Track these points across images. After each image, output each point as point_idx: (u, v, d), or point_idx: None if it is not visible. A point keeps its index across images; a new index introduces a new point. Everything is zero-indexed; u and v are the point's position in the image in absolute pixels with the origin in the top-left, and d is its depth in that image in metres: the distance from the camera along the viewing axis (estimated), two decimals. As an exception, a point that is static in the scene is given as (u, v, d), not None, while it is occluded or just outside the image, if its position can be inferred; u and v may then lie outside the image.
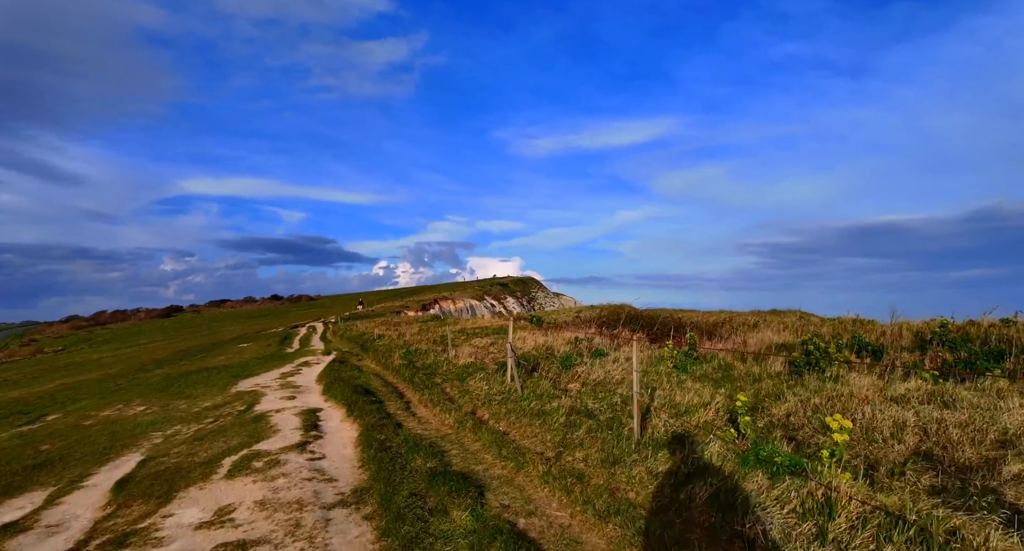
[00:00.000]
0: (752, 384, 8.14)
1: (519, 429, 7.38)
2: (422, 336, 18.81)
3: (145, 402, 14.11)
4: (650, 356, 10.20)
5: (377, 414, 8.09)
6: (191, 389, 15.10)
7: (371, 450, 6.37)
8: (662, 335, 12.41)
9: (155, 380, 18.78)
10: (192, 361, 26.75)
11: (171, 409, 12.51)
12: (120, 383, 20.34)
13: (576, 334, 13.20)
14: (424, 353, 14.32)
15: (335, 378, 12.69)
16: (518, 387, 8.91)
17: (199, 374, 18.41)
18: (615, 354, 10.62)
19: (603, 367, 9.59)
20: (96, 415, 13.22)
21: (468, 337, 16.50)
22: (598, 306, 25.71)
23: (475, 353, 12.59)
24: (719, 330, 13.12)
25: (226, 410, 11.24)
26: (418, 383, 10.72)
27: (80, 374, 31.30)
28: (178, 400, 13.62)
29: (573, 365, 9.98)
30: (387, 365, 13.76)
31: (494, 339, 14.99)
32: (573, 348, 11.44)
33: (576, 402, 7.76)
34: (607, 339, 12.29)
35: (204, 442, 8.14)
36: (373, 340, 21.00)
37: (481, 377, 9.97)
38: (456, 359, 12.20)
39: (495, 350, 12.94)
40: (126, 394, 16.34)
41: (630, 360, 9.86)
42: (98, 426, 11.54)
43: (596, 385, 8.70)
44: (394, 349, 16.48)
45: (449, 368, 11.64)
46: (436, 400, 9.42)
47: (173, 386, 16.30)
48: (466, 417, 8.12)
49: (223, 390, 14.11)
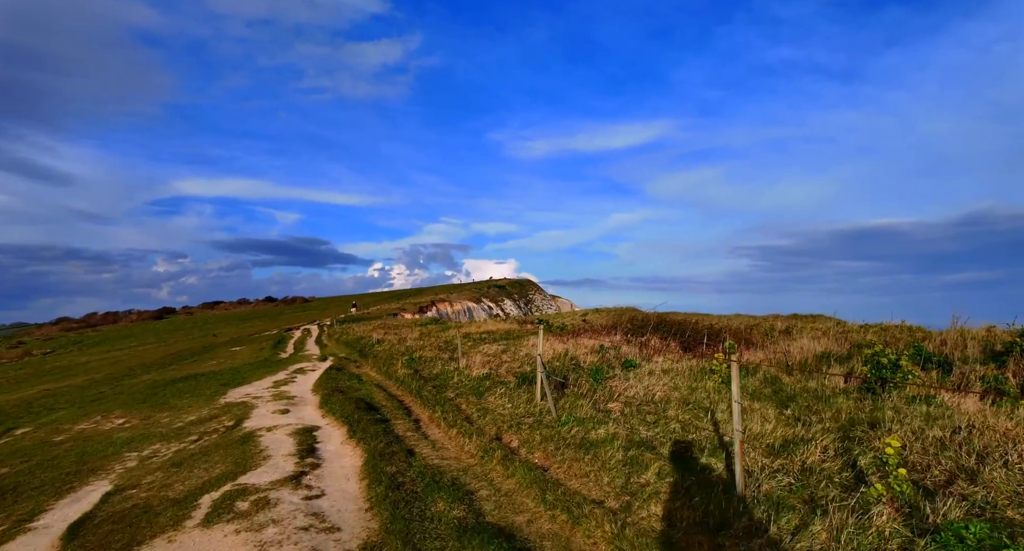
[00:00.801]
0: (821, 403, 7.00)
1: (562, 465, 6.11)
2: (425, 341, 17.60)
3: (126, 413, 12.85)
4: (690, 368, 9.07)
5: (384, 436, 6.90)
6: (176, 399, 13.83)
7: (380, 486, 5.20)
8: (694, 343, 11.33)
9: (140, 388, 17.44)
10: (182, 366, 25.37)
11: (152, 423, 11.27)
12: (103, 391, 18.98)
13: (599, 341, 12.07)
14: (430, 361, 13.12)
15: (333, 389, 11.49)
16: (551, 408, 7.69)
17: (187, 382, 17.10)
18: (649, 365, 9.49)
19: (640, 381, 8.43)
20: (70, 429, 11.94)
21: (475, 343, 15.33)
22: (604, 309, 24.64)
23: (488, 362, 11.42)
24: (748, 337, 12.04)
25: (212, 426, 10.01)
26: (427, 397, 9.55)
27: (64, 379, 29.79)
28: (161, 412, 12.37)
29: (605, 378, 8.84)
30: (390, 374, 12.57)
31: (504, 346, 13.84)
32: (600, 358, 10.29)
33: (627, 429, 6.58)
34: (635, 347, 11.17)
35: (183, 469, 6.93)
36: (372, 345, 19.77)
37: (502, 392, 8.78)
38: (468, 369, 11.02)
39: (508, 359, 11.78)
40: (107, 404, 15.04)
41: (669, 373, 8.74)
42: (69, 443, 10.27)
43: (640, 404, 7.57)
44: (396, 356, 15.27)
45: (461, 380, 10.46)
46: (451, 420, 8.16)
47: (158, 395, 15.01)
48: (492, 444, 6.84)
49: (211, 401, 12.86)
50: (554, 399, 7.91)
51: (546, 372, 8.03)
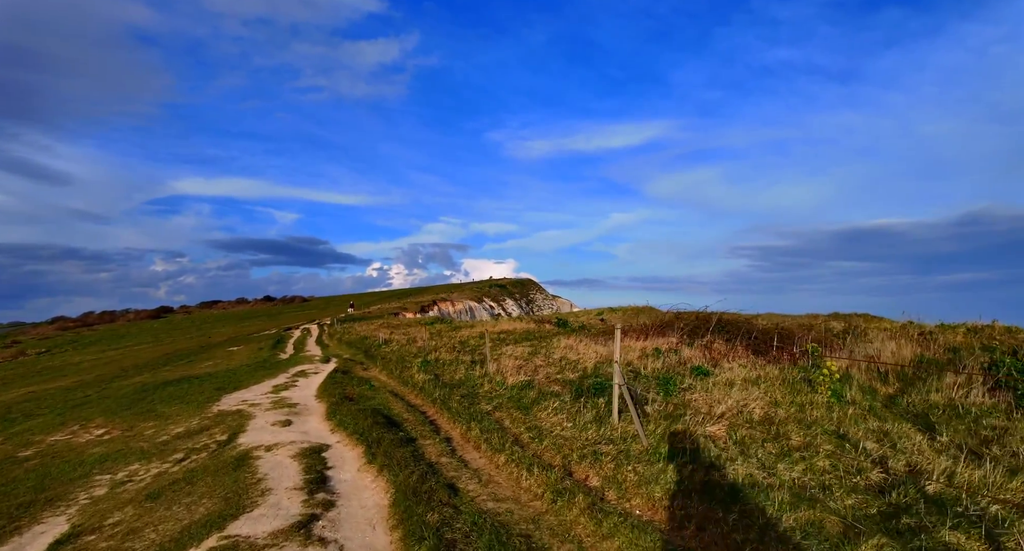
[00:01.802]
0: (981, 427, 5.48)
1: (687, 524, 4.19)
2: (438, 342, 16.06)
3: (107, 422, 11.30)
4: (777, 376, 7.58)
5: (413, 463, 5.40)
6: (165, 406, 12.27)
7: (422, 548, 3.69)
8: (763, 346, 9.88)
9: (128, 391, 15.84)
10: (176, 367, 23.75)
11: (134, 435, 9.74)
12: (88, 394, 17.39)
13: (643, 343, 10.54)
14: (449, 365, 11.58)
15: (340, 396, 9.99)
16: (640, 433, 5.92)
17: (179, 385, 15.53)
18: (724, 373, 7.96)
19: (725, 393, 6.89)
20: (42, 440, 10.39)
21: (496, 344, 13.82)
22: (619, 308, 23.23)
23: (522, 367, 9.89)
24: (806, 338, 10.58)
25: (201, 440, 8.49)
26: (457, 410, 8.10)
27: (53, 380, 28.12)
28: (146, 421, 10.83)
29: (679, 390, 7.32)
30: (405, 379, 11.02)
31: (531, 347, 12.33)
32: (662, 363, 8.73)
33: (759, 467, 4.89)
34: (696, 351, 9.67)
35: (159, 505, 5.42)
36: (378, 345, 18.24)
37: (555, 407, 7.21)
38: (499, 375, 9.46)
39: (542, 362, 10.25)
40: (89, 410, 13.48)
41: (754, 383, 7.25)
42: (34, 461, 8.73)
43: (749, 427, 5.90)
44: (408, 358, 13.74)
45: (494, 389, 8.90)
46: (495, 442, 6.48)
47: (145, 400, 13.45)
48: (564, 483, 5.06)
49: (202, 409, 11.32)
50: (642, 420, 6.15)
51: (628, 385, 6.28)
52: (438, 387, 9.45)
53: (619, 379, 6.19)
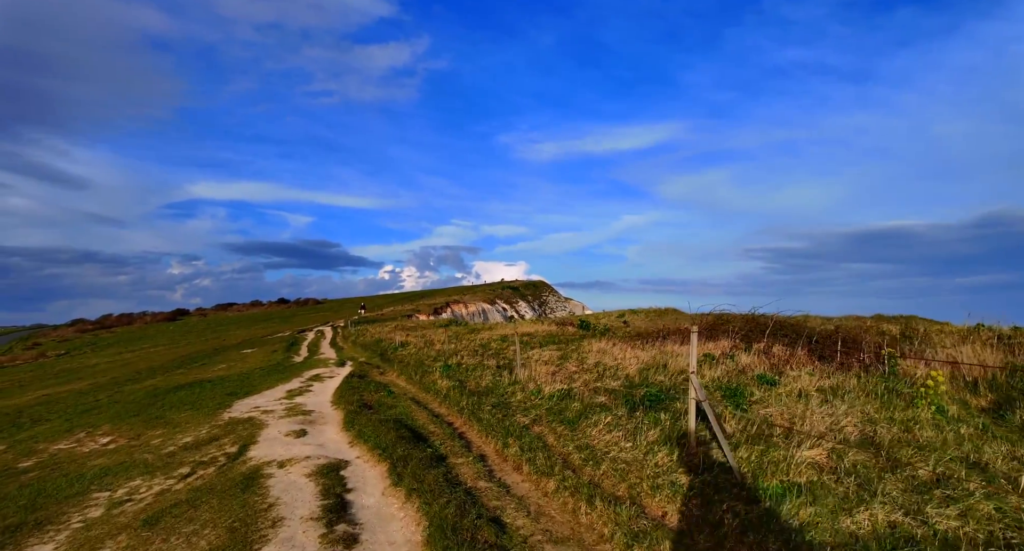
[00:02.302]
0: None
1: None
2: (457, 345, 15.26)
3: (114, 430, 10.69)
4: (861, 388, 6.60)
5: (448, 489, 4.61)
6: (174, 412, 11.64)
7: None
8: (827, 350, 8.89)
9: (139, 396, 15.27)
10: (189, 370, 23.28)
11: (140, 444, 9.09)
12: (99, 398, 16.88)
13: (702, 348, 9.59)
14: (473, 370, 10.74)
15: (358, 403, 9.25)
16: (729, 462, 4.79)
17: (190, 389, 14.94)
18: (793, 383, 7.01)
19: (805, 407, 5.93)
20: (45, 449, 9.80)
21: (520, 347, 12.99)
22: (642, 310, 22.34)
23: (555, 373, 9.05)
24: (862, 341, 9.57)
25: (210, 452, 7.79)
26: (489, 423, 7.27)
27: (68, 383, 27.82)
28: (154, 429, 10.19)
29: (748, 402, 6.41)
30: (426, 386, 10.23)
31: (560, 351, 11.48)
32: (719, 371, 7.76)
33: (903, 513, 3.76)
34: (752, 356, 8.74)
35: (157, 534, 4.70)
36: (395, 348, 17.50)
37: (607, 422, 6.21)
38: (534, 383, 8.55)
39: (575, 368, 9.41)
40: (98, 416, 12.91)
41: (832, 394, 6.34)
42: (34, 472, 8.10)
43: (848, 451, 4.75)
44: (427, 362, 12.97)
45: (529, 398, 8.03)
46: (541, 464, 5.50)
47: (155, 406, 12.85)
48: (640, 524, 4.00)
49: (213, 416, 10.66)
50: (729, 443, 4.90)
51: (707, 401, 4.99)
52: (464, 395, 8.62)
53: (699, 394, 4.98)
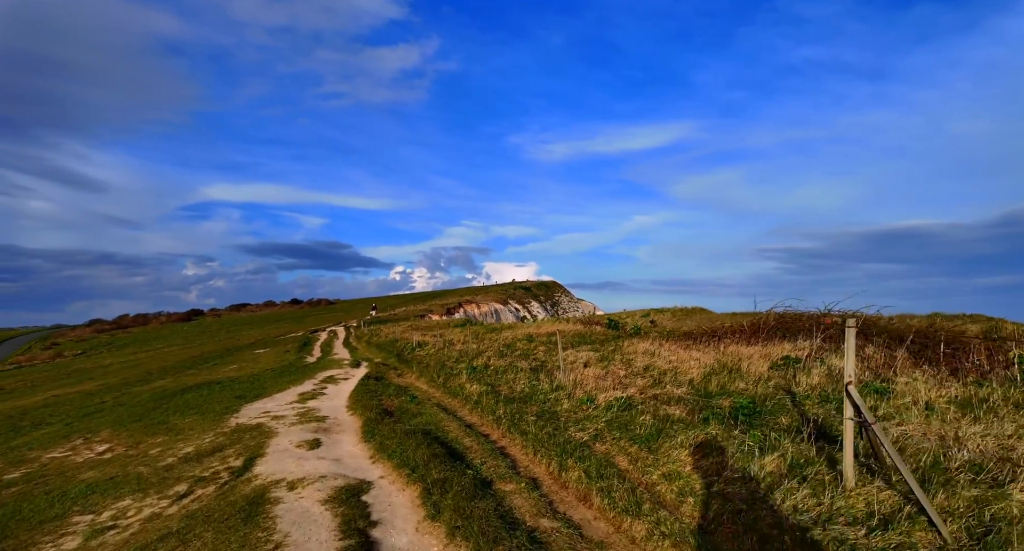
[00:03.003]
0: None
1: None
2: (480, 345, 14.15)
3: (113, 436, 9.79)
4: (1004, 399, 5.41)
5: (503, 529, 3.53)
6: (179, 417, 10.69)
7: None
8: (930, 353, 7.61)
9: (145, 398, 14.39)
10: (200, 370, 22.48)
11: (138, 454, 8.14)
12: (105, 401, 16.06)
13: (771, 351, 8.33)
14: (504, 373, 9.62)
15: (378, 410, 8.22)
16: (929, 513, 3.33)
17: (199, 391, 14.03)
18: (910, 393, 5.82)
19: (955, 426, 4.66)
20: (37, 458, 8.90)
21: (550, 348, 11.87)
22: (667, 309, 21.19)
23: (603, 378, 7.90)
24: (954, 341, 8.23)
25: (211, 466, 6.80)
26: (536, 437, 6.05)
27: (79, 383, 27.18)
28: (155, 436, 9.25)
29: (880, 420, 5.23)
30: (452, 390, 9.12)
31: (594, 351, 10.35)
32: (815, 379, 6.54)
33: None
34: (837, 358, 7.56)
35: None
36: (412, 349, 16.47)
37: (699, 441, 4.93)
38: (581, 390, 7.32)
39: (622, 370, 8.26)
40: (99, 420, 12.04)
41: (964, 406, 5.16)
42: (18, 486, 7.17)
43: None
44: (448, 363, 11.90)
45: (580, 407, 6.81)
46: (617, 495, 4.29)
47: (160, 409, 11.94)
48: None
49: (219, 421, 9.69)
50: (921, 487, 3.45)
51: (876, 424, 3.57)
52: (500, 402, 7.46)
53: (863, 413, 3.51)
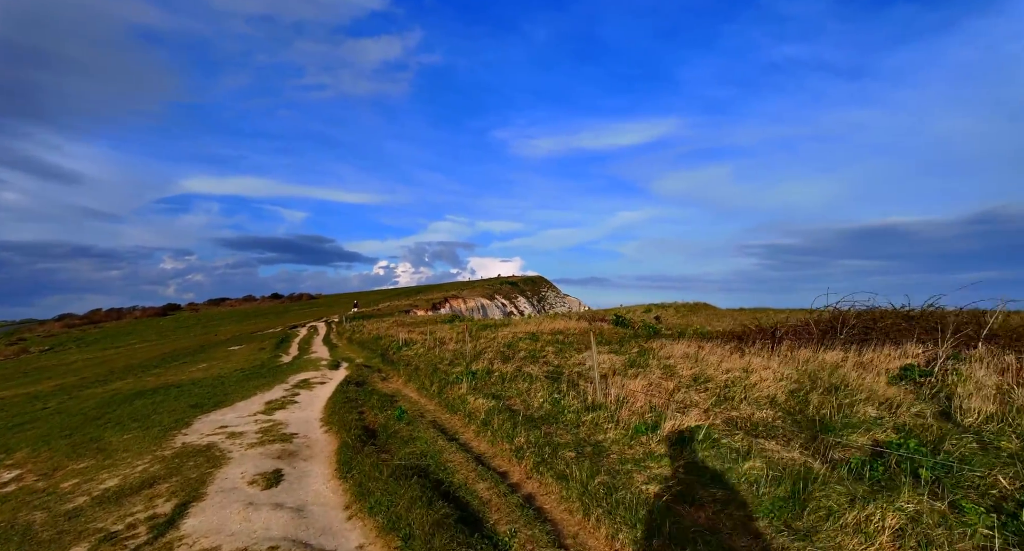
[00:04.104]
0: None
1: None
2: (477, 345, 12.32)
3: (30, 458, 7.87)
4: None
5: None
6: (117, 432, 8.76)
7: None
8: None
9: (89, 405, 12.29)
10: (167, 369, 20.29)
11: (48, 487, 6.26)
12: (48, 406, 13.93)
13: (838, 356, 6.83)
14: (512, 380, 7.76)
15: (359, 428, 6.49)
16: None
17: (152, 397, 12.03)
18: None
19: None
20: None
21: (562, 348, 10.16)
22: (670, 304, 19.78)
23: (650, 392, 6.19)
24: None
25: (130, 515, 4.98)
26: (583, 485, 4.28)
27: (33, 384, 24.66)
28: (80, 459, 7.35)
29: None
30: (450, 403, 7.27)
31: (620, 355, 8.69)
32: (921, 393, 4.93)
33: None
34: (979, 368, 6.03)
35: None
36: (397, 347, 14.65)
37: (894, 526, 3.07)
38: (628, 410, 5.67)
39: (667, 381, 6.60)
40: (24, 433, 10.03)
41: None
42: None
43: None
44: (441, 366, 10.13)
45: (633, 437, 5.12)
46: None
47: (100, 421, 9.97)
48: None
49: (162, 439, 7.82)
50: None
51: None
52: (519, 425, 5.65)
53: None
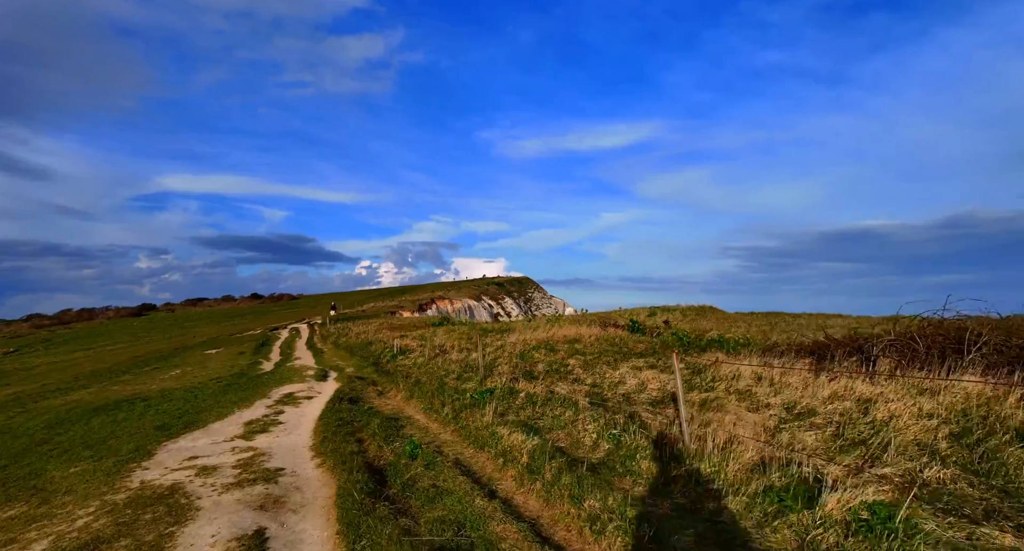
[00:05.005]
0: None
1: None
2: (491, 355, 10.88)
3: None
4: None
5: None
6: (62, 464, 7.23)
7: None
8: None
9: (38, 424, 10.59)
10: (137, 375, 18.43)
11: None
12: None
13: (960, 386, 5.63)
14: (544, 405, 6.45)
15: (361, 468, 5.19)
16: None
17: (113, 414, 10.43)
18: None
19: None
20: None
21: (590, 363, 8.88)
22: (678, 307, 18.74)
23: (765, 433, 4.79)
24: None
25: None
26: None
27: (-14, 391, 22.41)
28: (7, 507, 5.84)
29: None
30: (474, 434, 5.72)
31: (658, 369, 7.45)
32: None
33: None
34: None
35: None
36: (391, 355, 13.23)
37: None
38: (738, 466, 4.40)
39: (769, 419, 5.29)
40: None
41: None
42: None
43: None
44: (449, 380, 8.80)
45: (758, 514, 3.62)
46: None
47: (44, 447, 8.39)
48: None
49: (116, 475, 6.37)
50: None
51: None
52: (580, 478, 4.23)
53: None
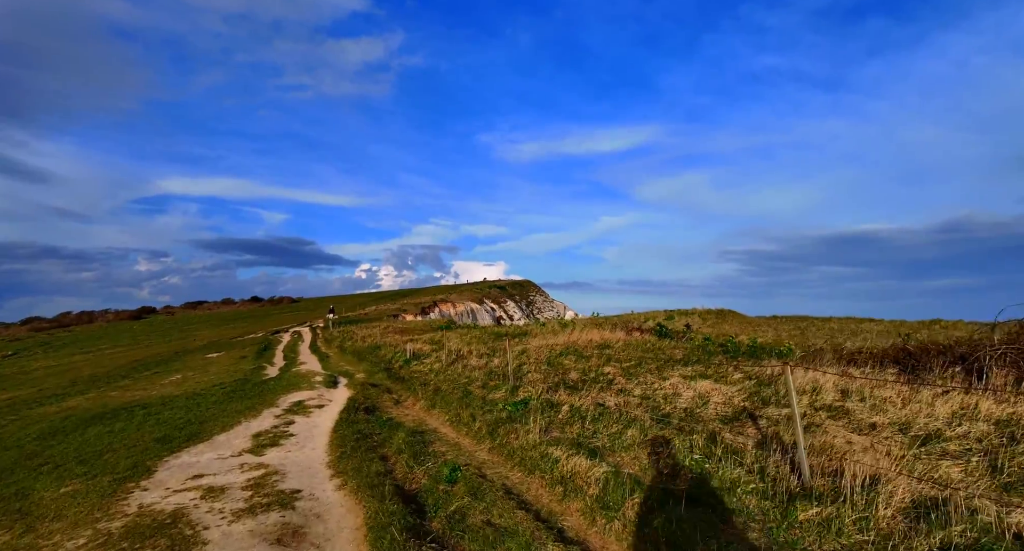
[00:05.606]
0: None
1: None
2: (505, 359, 10.23)
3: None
4: None
5: None
6: (52, 483, 6.51)
7: None
8: None
9: (31, 433, 9.85)
10: (136, 379, 17.65)
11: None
12: (-18, 432, 11.37)
13: None
14: (596, 421, 5.70)
15: (392, 495, 4.52)
16: None
17: (110, 424, 9.71)
18: None
19: None
20: None
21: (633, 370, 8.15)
22: (695, 310, 18.06)
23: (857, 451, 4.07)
24: None
25: None
26: None
27: (-20, 397, 21.58)
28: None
29: None
30: (521, 456, 4.88)
31: (713, 380, 6.78)
32: None
33: None
34: None
35: None
36: (405, 361, 12.50)
37: None
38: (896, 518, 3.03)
39: (894, 445, 4.39)
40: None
41: None
42: None
43: None
44: (473, 389, 8.08)
45: None
46: None
47: (34, 462, 7.66)
48: None
49: (112, 497, 5.66)
50: None
51: None
52: (672, 520, 3.33)
53: None
